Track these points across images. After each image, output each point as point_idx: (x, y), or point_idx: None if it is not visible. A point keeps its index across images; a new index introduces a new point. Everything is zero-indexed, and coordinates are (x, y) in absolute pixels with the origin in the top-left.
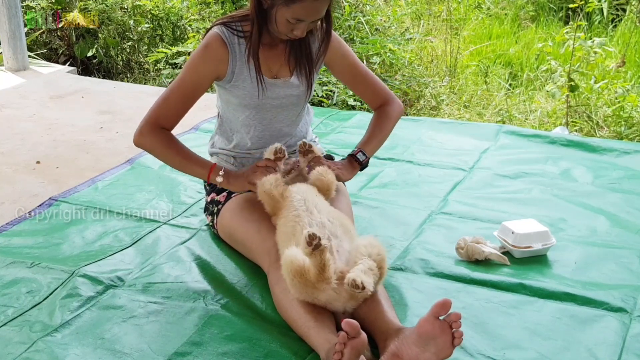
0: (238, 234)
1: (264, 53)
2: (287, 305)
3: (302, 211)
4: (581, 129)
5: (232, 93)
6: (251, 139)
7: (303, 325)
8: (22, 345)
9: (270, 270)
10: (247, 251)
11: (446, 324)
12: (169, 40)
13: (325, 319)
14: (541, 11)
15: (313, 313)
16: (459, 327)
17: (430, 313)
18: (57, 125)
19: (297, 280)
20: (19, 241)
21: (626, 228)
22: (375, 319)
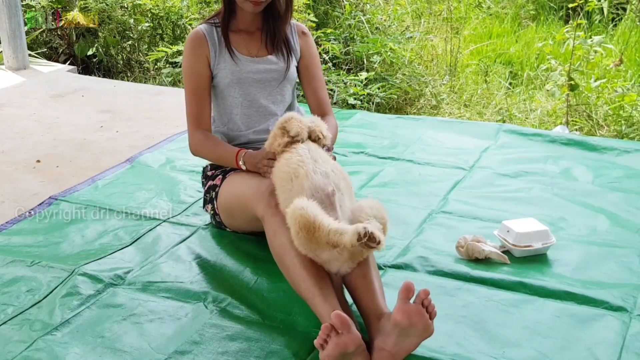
0: (235, 199)
1: (243, 37)
2: (288, 263)
3: (307, 158)
4: (581, 128)
5: (218, 78)
6: (240, 119)
7: (307, 290)
8: (22, 343)
9: (266, 217)
10: (243, 209)
11: (419, 305)
12: (169, 39)
13: (328, 286)
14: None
15: (316, 277)
16: (429, 302)
17: (400, 302)
18: (57, 124)
19: (302, 235)
20: (19, 240)
21: (626, 227)
22: (363, 297)
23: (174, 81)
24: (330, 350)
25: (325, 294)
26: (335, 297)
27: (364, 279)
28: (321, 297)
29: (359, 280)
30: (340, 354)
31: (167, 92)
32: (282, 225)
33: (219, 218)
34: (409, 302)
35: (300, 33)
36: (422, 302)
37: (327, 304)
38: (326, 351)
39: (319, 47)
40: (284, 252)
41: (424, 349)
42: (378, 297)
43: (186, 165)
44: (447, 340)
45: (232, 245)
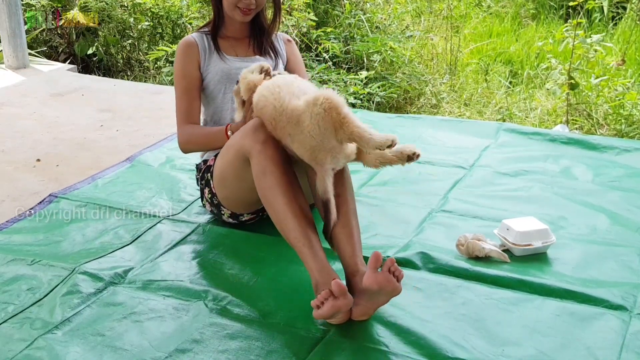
0: (225, 158)
1: (231, 43)
2: (278, 209)
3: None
4: (581, 127)
5: (208, 78)
6: (231, 113)
7: (296, 239)
8: (23, 342)
9: (253, 153)
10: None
11: (385, 273)
12: (169, 38)
13: (316, 237)
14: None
15: (305, 229)
16: (396, 268)
17: (369, 270)
18: (57, 123)
19: (332, 115)
20: (19, 239)
21: (626, 226)
22: (343, 249)
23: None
24: (326, 310)
25: (314, 248)
26: (322, 251)
27: (344, 229)
28: (310, 251)
29: (338, 229)
30: (333, 314)
31: (167, 91)
32: (271, 163)
33: (216, 200)
34: (377, 271)
35: (285, 41)
36: (389, 269)
37: (316, 259)
38: (321, 311)
39: (319, 45)
40: (273, 196)
41: (423, 348)
42: (356, 252)
43: (186, 164)
44: (446, 338)
45: (232, 243)
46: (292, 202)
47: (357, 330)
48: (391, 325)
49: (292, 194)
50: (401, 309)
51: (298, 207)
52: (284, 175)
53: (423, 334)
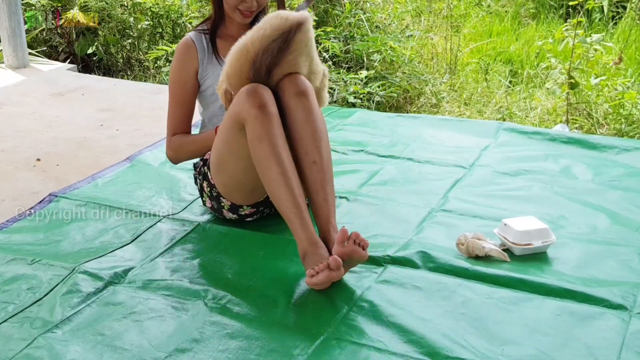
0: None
1: (231, 43)
2: (272, 178)
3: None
4: (581, 126)
5: (205, 85)
6: None
7: (287, 210)
8: (23, 341)
9: (249, 119)
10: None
11: (351, 244)
12: (169, 38)
13: (305, 209)
14: (542, 9)
15: (297, 200)
16: (361, 239)
17: (337, 245)
18: (57, 123)
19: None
20: (19, 238)
21: (626, 225)
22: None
23: None
24: (320, 279)
25: (304, 219)
26: (311, 222)
27: (319, 194)
28: (300, 221)
29: (313, 196)
30: (325, 283)
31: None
32: (266, 130)
33: (215, 191)
34: (343, 244)
35: None
36: (354, 241)
37: (305, 229)
38: (315, 279)
39: (319, 45)
40: (268, 165)
41: (423, 346)
42: (330, 218)
43: (186, 164)
44: (446, 337)
45: (232, 242)
46: (286, 172)
47: (357, 329)
48: (391, 324)
49: (286, 164)
50: (401, 308)
51: (291, 177)
52: (279, 144)
53: (423, 333)
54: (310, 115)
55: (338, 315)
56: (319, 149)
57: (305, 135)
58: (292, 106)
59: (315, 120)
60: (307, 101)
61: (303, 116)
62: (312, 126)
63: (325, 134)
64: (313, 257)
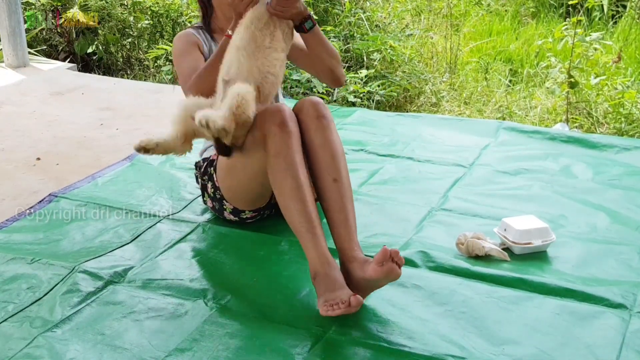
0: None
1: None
2: (286, 192)
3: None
4: (581, 125)
5: None
6: None
7: (300, 225)
8: (23, 340)
9: (269, 134)
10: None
11: (390, 263)
12: (169, 37)
13: (320, 228)
14: (541, 8)
15: (311, 216)
16: (399, 257)
17: (375, 264)
18: (57, 122)
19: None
20: (19, 237)
21: (626, 224)
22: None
23: (174, 79)
24: (337, 313)
25: (316, 236)
26: (324, 240)
27: (340, 214)
28: (313, 238)
29: (334, 215)
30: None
31: (167, 89)
32: (287, 146)
33: (219, 194)
34: (382, 264)
35: None
36: (392, 259)
37: (318, 248)
38: (332, 312)
39: None
40: (283, 178)
41: (423, 345)
42: (352, 238)
43: (186, 163)
44: (446, 336)
45: (232, 242)
46: (301, 187)
47: (357, 328)
48: (391, 323)
49: (301, 180)
50: (401, 308)
51: (305, 193)
52: (296, 160)
53: (423, 333)
54: (330, 137)
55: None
56: (338, 168)
57: (324, 156)
58: (312, 128)
59: (335, 142)
60: (327, 124)
61: (322, 138)
62: (331, 147)
63: (344, 156)
64: (326, 281)
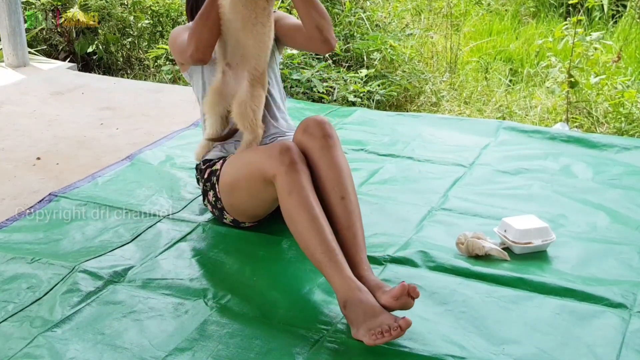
0: (241, 169)
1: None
2: (302, 227)
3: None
4: (581, 125)
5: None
6: None
7: (323, 256)
8: (23, 340)
9: (279, 175)
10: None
11: (406, 296)
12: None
13: (342, 256)
14: (542, 7)
15: (331, 245)
16: (416, 293)
17: (389, 298)
18: (57, 122)
19: None
20: (19, 237)
21: (626, 224)
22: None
23: (174, 79)
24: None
25: (339, 264)
26: (349, 269)
27: (349, 231)
28: (336, 267)
29: (343, 232)
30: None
31: (167, 89)
32: (297, 184)
33: (220, 204)
34: (397, 299)
35: None
36: (408, 293)
37: (343, 275)
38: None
39: None
40: (298, 213)
41: (423, 345)
42: (361, 255)
43: (186, 163)
44: (446, 336)
45: (232, 242)
46: (317, 218)
47: None
48: None
49: (316, 211)
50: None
51: (322, 224)
52: (309, 195)
53: (423, 332)
54: (336, 157)
55: (338, 315)
56: (345, 187)
57: (331, 175)
58: (318, 148)
59: (341, 162)
60: (333, 143)
61: (329, 158)
62: (337, 166)
63: (351, 175)
64: (362, 307)
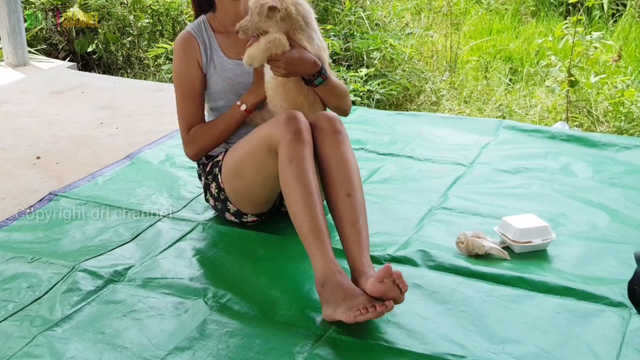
0: (245, 146)
1: (231, 37)
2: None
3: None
4: (581, 124)
5: (210, 83)
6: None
7: (309, 232)
8: (23, 339)
9: (283, 142)
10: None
11: (389, 283)
12: (169, 36)
13: (328, 237)
14: (541, 6)
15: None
16: (402, 281)
17: (375, 279)
18: (57, 121)
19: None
20: (19, 236)
21: (626, 223)
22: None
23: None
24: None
25: (325, 244)
26: (331, 251)
27: (353, 228)
28: (321, 246)
29: (347, 228)
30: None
31: (167, 88)
32: (299, 154)
33: (223, 195)
34: (382, 281)
35: None
36: (393, 280)
37: (326, 256)
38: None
39: None
40: (294, 185)
41: (423, 344)
42: (363, 253)
43: (186, 162)
44: (446, 335)
45: (232, 241)
46: (311, 194)
47: (357, 327)
48: (391, 322)
49: (312, 188)
50: (401, 306)
51: (315, 201)
52: (308, 169)
53: (423, 331)
54: (345, 153)
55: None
56: (353, 183)
57: (339, 171)
58: (327, 143)
59: (350, 158)
60: (343, 139)
61: (338, 153)
62: (346, 163)
63: (359, 172)
64: (341, 289)
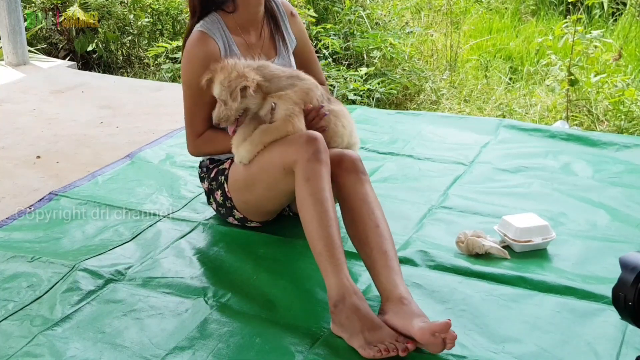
0: (259, 161)
1: (247, 41)
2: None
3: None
4: (581, 123)
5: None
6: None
7: (324, 250)
8: (23, 339)
9: (300, 161)
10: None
11: (441, 339)
12: (169, 35)
13: (343, 257)
14: (541, 5)
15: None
16: (453, 343)
17: (429, 329)
18: (57, 120)
19: None
20: (19, 236)
21: (626, 222)
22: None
23: (174, 77)
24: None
25: (339, 263)
26: (346, 269)
27: (383, 255)
28: (335, 264)
29: (378, 255)
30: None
31: (167, 87)
32: (318, 173)
33: (230, 203)
34: (434, 335)
35: (289, 15)
36: (444, 339)
37: (340, 276)
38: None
39: (319, 42)
40: (310, 203)
41: None
42: (396, 279)
43: (186, 161)
44: None
45: (232, 240)
46: (327, 212)
47: None
48: None
49: (328, 204)
50: None
51: (331, 220)
52: (325, 188)
53: None
54: (370, 192)
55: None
56: (378, 217)
57: (365, 207)
58: (351, 182)
59: (373, 197)
60: (367, 179)
61: (363, 192)
62: (371, 200)
63: (380, 206)
64: (357, 315)
